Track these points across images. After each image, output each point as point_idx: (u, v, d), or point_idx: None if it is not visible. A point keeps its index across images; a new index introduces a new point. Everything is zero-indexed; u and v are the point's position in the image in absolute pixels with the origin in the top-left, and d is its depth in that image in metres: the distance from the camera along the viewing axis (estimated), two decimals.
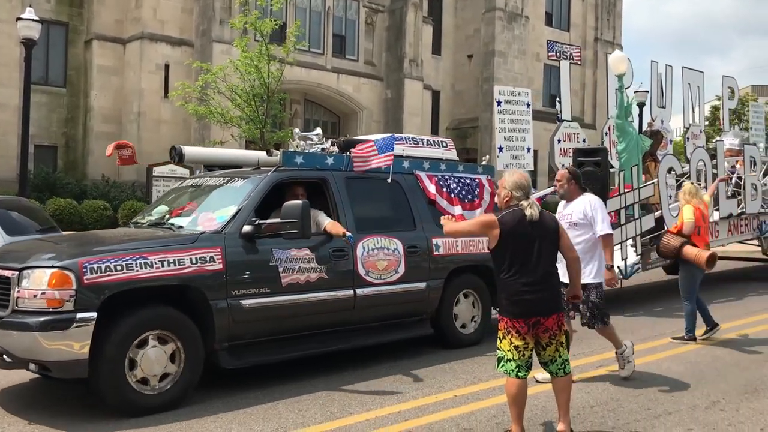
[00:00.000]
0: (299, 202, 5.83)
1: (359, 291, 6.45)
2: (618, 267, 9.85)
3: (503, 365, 4.63)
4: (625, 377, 6.20)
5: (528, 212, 4.56)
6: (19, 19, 14.75)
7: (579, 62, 15.46)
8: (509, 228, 4.54)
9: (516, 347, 4.57)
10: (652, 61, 13.71)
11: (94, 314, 4.90)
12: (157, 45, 24.24)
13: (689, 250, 7.74)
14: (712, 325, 8.04)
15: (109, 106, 24.57)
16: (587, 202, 6.06)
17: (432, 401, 5.61)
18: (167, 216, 6.49)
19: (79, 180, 22.65)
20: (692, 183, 8.65)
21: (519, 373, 4.57)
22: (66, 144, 24.71)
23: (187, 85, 19.39)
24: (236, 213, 5.87)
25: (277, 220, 5.84)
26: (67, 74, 24.74)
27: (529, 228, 4.56)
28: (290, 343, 6.13)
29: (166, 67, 24.26)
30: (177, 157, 6.71)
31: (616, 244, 9.77)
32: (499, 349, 4.67)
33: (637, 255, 10.31)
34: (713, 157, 11.84)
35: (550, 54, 14.79)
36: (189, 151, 6.92)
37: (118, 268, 5.05)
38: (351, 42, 28.84)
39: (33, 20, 14.51)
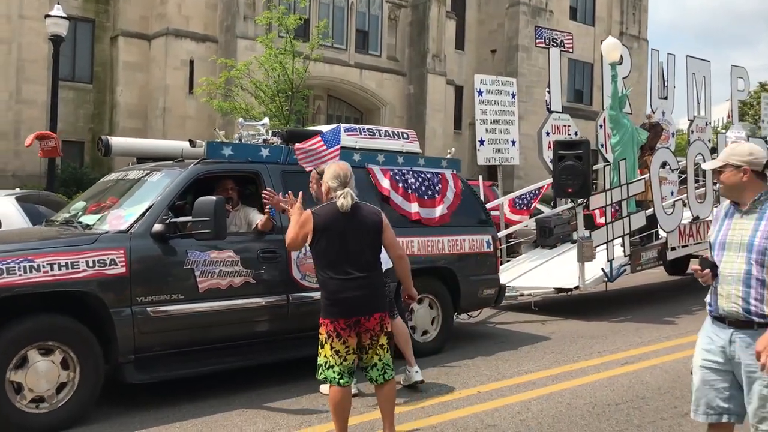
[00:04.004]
0: (213, 198, 5.27)
1: (294, 296, 5.92)
2: (602, 269, 9.51)
3: (323, 372, 4.32)
4: None
5: (340, 202, 4.24)
6: (47, 16, 14.92)
7: (570, 50, 14.21)
8: (322, 221, 4.27)
9: (337, 352, 4.27)
10: (652, 49, 13.08)
11: None
12: (181, 41, 24.41)
13: None
14: None
15: (134, 102, 24.82)
16: None
17: (456, 397, 5.60)
18: (80, 213, 5.99)
19: (106, 175, 22.92)
20: None
21: (341, 381, 4.26)
22: (93, 139, 24.91)
23: (212, 81, 19.51)
24: (146, 210, 5.35)
25: (189, 218, 5.31)
26: (94, 70, 24.99)
27: (344, 221, 4.26)
28: (213, 355, 5.60)
29: (191, 63, 24.42)
30: (104, 148, 6.33)
31: (600, 244, 9.38)
32: (320, 355, 4.35)
33: (625, 255, 9.79)
34: (714, 151, 11.45)
35: (537, 41, 13.46)
36: (116, 142, 6.54)
37: None
38: (374, 37, 28.81)
39: (61, 17, 14.62)
